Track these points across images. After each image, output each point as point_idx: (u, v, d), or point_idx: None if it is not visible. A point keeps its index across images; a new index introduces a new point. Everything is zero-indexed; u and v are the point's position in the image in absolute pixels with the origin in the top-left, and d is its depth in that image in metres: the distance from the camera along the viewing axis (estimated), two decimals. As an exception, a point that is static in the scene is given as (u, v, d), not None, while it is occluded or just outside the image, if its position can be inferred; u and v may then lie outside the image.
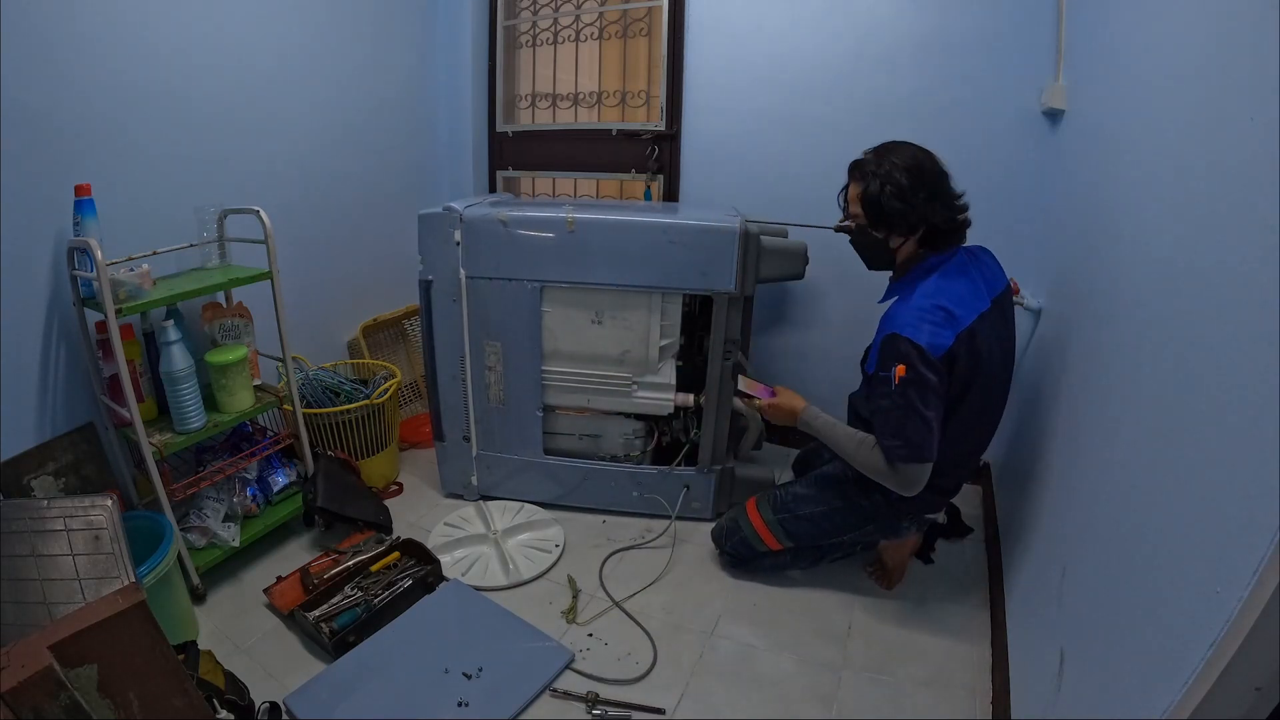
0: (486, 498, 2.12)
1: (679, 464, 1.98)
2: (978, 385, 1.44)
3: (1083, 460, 1.24)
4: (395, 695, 1.41)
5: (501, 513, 2.05)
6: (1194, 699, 0.66)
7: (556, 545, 1.90)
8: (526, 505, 2.09)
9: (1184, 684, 0.67)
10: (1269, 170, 0.71)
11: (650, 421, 2.02)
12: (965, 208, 1.49)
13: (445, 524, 2.00)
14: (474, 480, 2.10)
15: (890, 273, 1.58)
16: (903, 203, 1.41)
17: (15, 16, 1.39)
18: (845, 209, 1.57)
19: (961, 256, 1.49)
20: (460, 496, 2.15)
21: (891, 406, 1.39)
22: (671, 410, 1.94)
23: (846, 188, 1.55)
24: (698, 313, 1.91)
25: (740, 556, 1.79)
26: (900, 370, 1.36)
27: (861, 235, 1.53)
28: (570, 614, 1.66)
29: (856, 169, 1.51)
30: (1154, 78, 1.18)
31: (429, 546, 1.82)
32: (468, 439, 2.04)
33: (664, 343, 1.86)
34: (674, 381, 1.91)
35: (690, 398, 1.91)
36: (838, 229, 1.61)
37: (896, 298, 1.50)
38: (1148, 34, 1.25)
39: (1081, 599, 1.07)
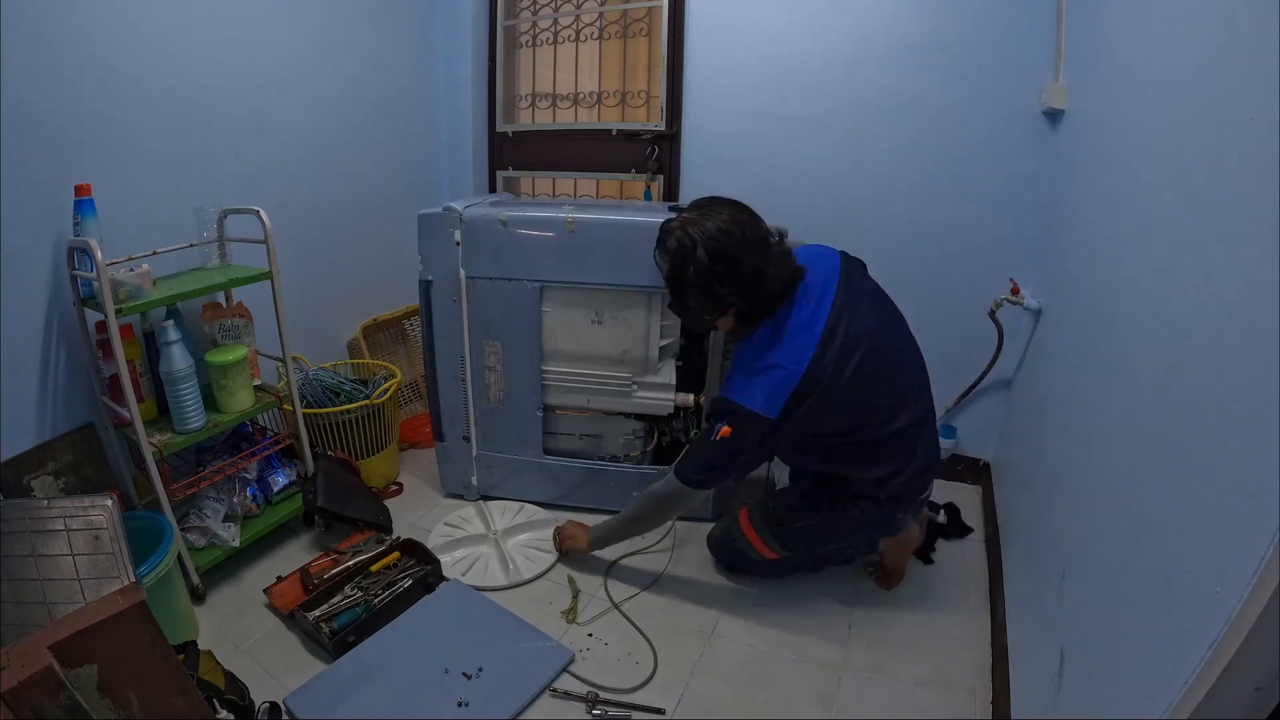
0: (487, 497, 2.12)
1: None
2: (866, 369, 1.40)
3: (1083, 460, 1.24)
4: (395, 695, 1.41)
5: (502, 513, 2.05)
6: (1194, 699, 0.66)
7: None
8: (527, 505, 2.08)
9: (1184, 684, 0.67)
10: (1269, 170, 0.71)
11: (650, 422, 2.02)
12: (782, 270, 1.42)
13: (445, 524, 2.00)
14: (474, 480, 2.09)
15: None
16: (702, 293, 1.40)
17: (15, 16, 1.39)
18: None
19: (780, 313, 1.44)
20: (460, 496, 2.15)
21: (707, 450, 1.46)
22: (672, 410, 1.94)
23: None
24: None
25: (736, 566, 1.80)
26: (725, 431, 1.41)
27: (674, 308, 1.54)
28: (570, 614, 1.66)
29: (661, 239, 1.46)
30: (1154, 78, 1.18)
31: (429, 546, 1.82)
32: (468, 439, 2.04)
33: (664, 343, 1.86)
34: (674, 381, 1.91)
35: (690, 398, 1.91)
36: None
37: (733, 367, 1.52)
38: (1148, 34, 1.25)
39: (1081, 599, 1.07)
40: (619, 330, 1.86)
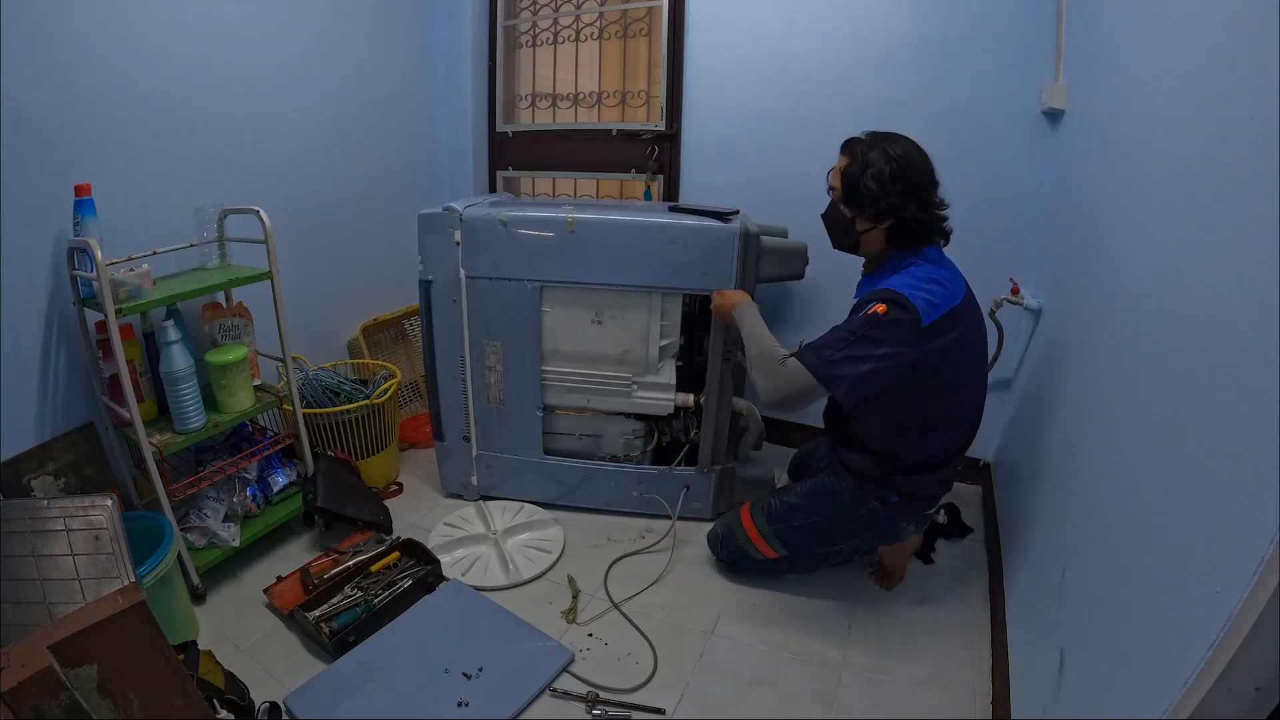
0: (487, 497, 2.12)
1: (679, 464, 1.98)
2: (966, 366, 1.45)
3: (1083, 460, 1.24)
4: (395, 695, 1.41)
5: (501, 513, 2.05)
6: (1194, 699, 0.66)
7: (556, 545, 1.90)
8: (527, 505, 2.09)
9: (1184, 684, 0.67)
10: (1269, 170, 0.71)
11: (650, 421, 2.02)
12: (943, 216, 1.47)
13: (445, 524, 2.00)
14: (474, 480, 2.09)
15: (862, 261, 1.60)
16: (879, 187, 1.40)
17: (15, 16, 1.39)
18: (829, 182, 1.57)
19: (933, 253, 1.47)
20: (460, 496, 2.15)
21: (847, 331, 1.37)
22: (671, 410, 1.94)
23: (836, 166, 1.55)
24: (698, 313, 1.91)
25: (736, 564, 1.78)
26: (880, 308, 1.34)
27: (833, 209, 1.53)
28: (570, 614, 1.66)
29: (848, 146, 1.50)
30: (1154, 78, 1.18)
31: (429, 546, 1.82)
32: (468, 439, 2.04)
33: (664, 343, 1.86)
34: (674, 382, 1.91)
35: (690, 398, 1.91)
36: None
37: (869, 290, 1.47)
38: (1148, 34, 1.25)
39: (1081, 599, 1.07)
40: (618, 330, 1.86)
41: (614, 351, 1.88)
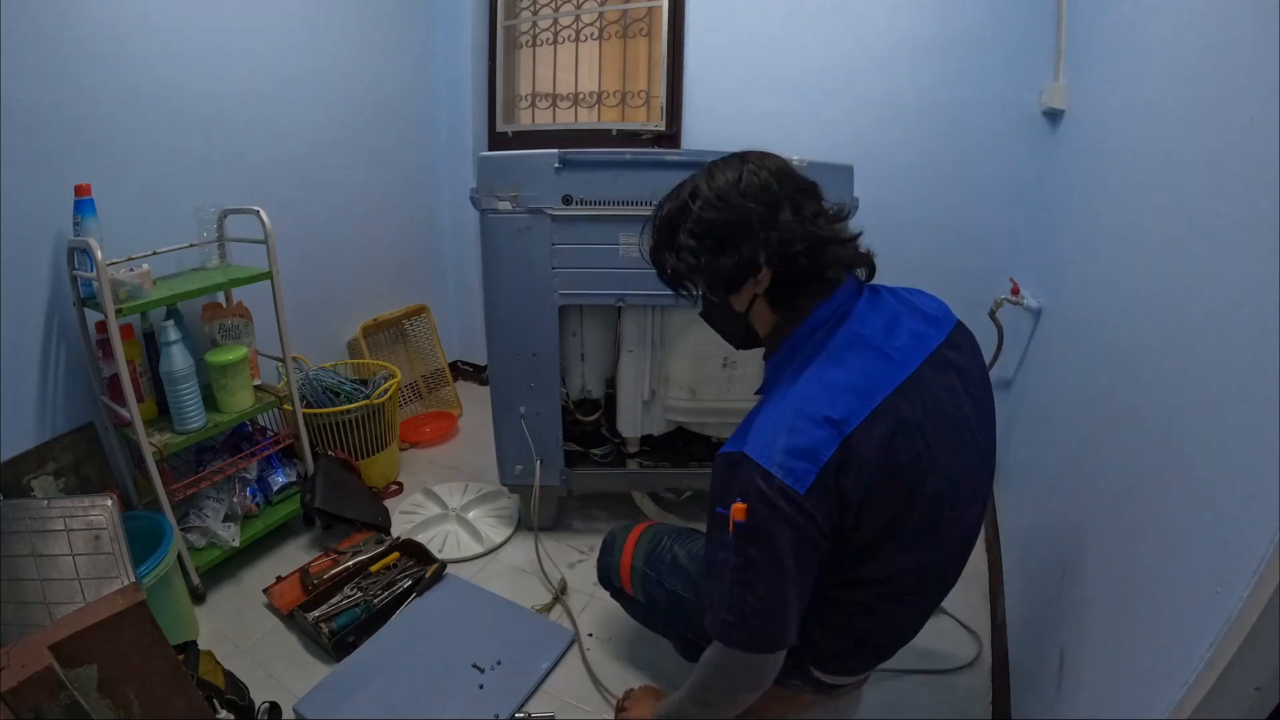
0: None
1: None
2: (876, 501, 0.89)
3: (1083, 460, 1.24)
4: (409, 689, 1.42)
5: (449, 493, 2.14)
6: (1194, 699, 0.66)
7: (513, 511, 2.04)
8: (470, 483, 2.19)
9: (1184, 684, 0.67)
10: (1269, 170, 0.71)
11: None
12: (833, 236, 0.98)
13: (401, 511, 2.06)
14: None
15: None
16: (706, 237, 0.96)
17: (15, 16, 1.39)
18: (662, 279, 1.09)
19: (860, 307, 0.98)
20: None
21: (725, 562, 0.91)
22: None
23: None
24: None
25: (604, 579, 1.42)
26: (737, 510, 0.87)
27: (705, 308, 1.10)
28: (548, 609, 1.67)
29: (647, 225, 1.07)
30: (1154, 78, 1.18)
31: (394, 534, 1.88)
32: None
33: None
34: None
35: None
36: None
37: (771, 386, 1.01)
38: (1147, 34, 1.25)
39: (1081, 599, 1.07)
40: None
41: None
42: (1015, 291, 1.93)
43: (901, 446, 0.89)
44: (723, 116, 2.29)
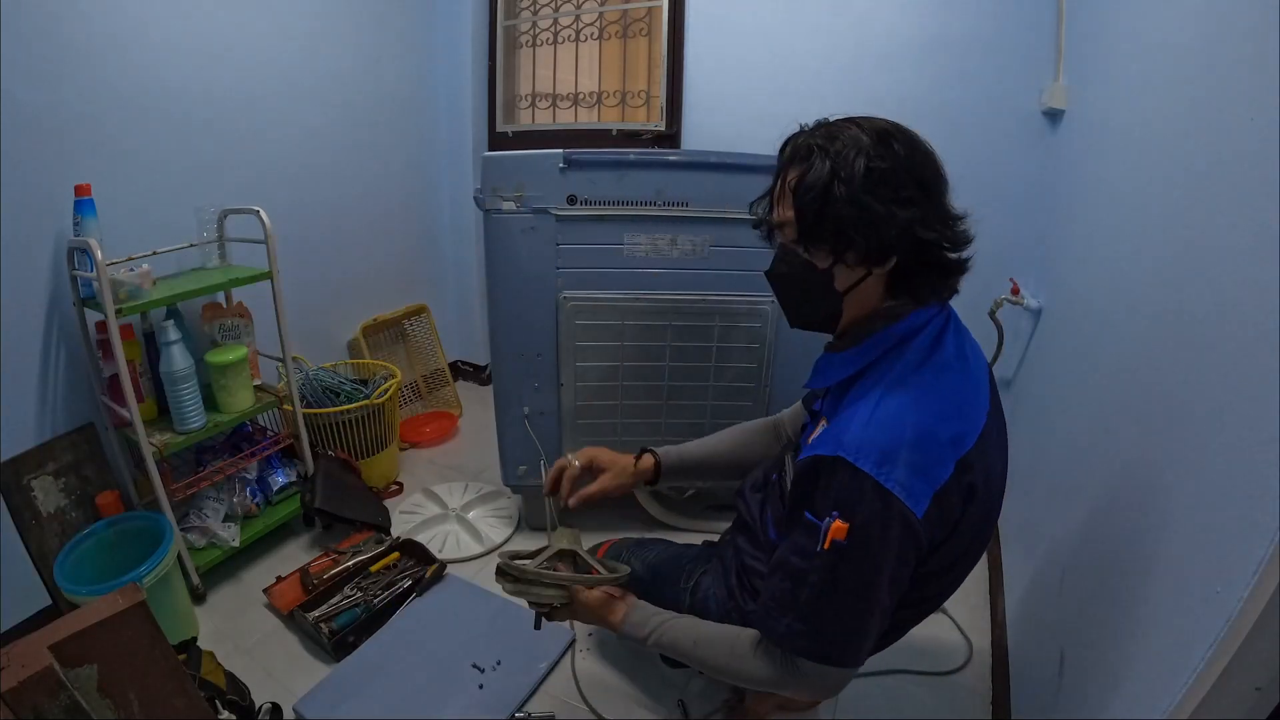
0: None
1: None
2: (965, 526, 0.87)
3: (1083, 460, 1.24)
4: (409, 689, 1.42)
5: (449, 493, 2.13)
6: (1194, 699, 0.66)
7: (514, 511, 2.03)
8: (471, 483, 2.18)
9: (1184, 684, 0.67)
10: (1269, 170, 0.71)
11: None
12: (967, 238, 0.88)
13: (401, 511, 2.06)
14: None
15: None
16: (871, 196, 0.81)
17: (15, 16, 1.39)
18: (768, 221, 0.95)
19: (954, 322, 0.93)
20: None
21: (805, 574, 0.84)
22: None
23: (774, 185, 0.91)
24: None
25: None
26: (837, 529, 0.79)
27: (788, 261, 0.91)
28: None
29: (796, 149, 0.88)
30: (1154, 78, 1.18)
31: (395, 534, 1.87)
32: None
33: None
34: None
35: None
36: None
37: (840, 381, 0.93)
38: (1148, 34, 1.25)
39: (1081, 599, 1.07)
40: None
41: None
42: (1015, 291, 1.93)
43: (994, 471, 0.88)
44: (723, 116, 2.29)
